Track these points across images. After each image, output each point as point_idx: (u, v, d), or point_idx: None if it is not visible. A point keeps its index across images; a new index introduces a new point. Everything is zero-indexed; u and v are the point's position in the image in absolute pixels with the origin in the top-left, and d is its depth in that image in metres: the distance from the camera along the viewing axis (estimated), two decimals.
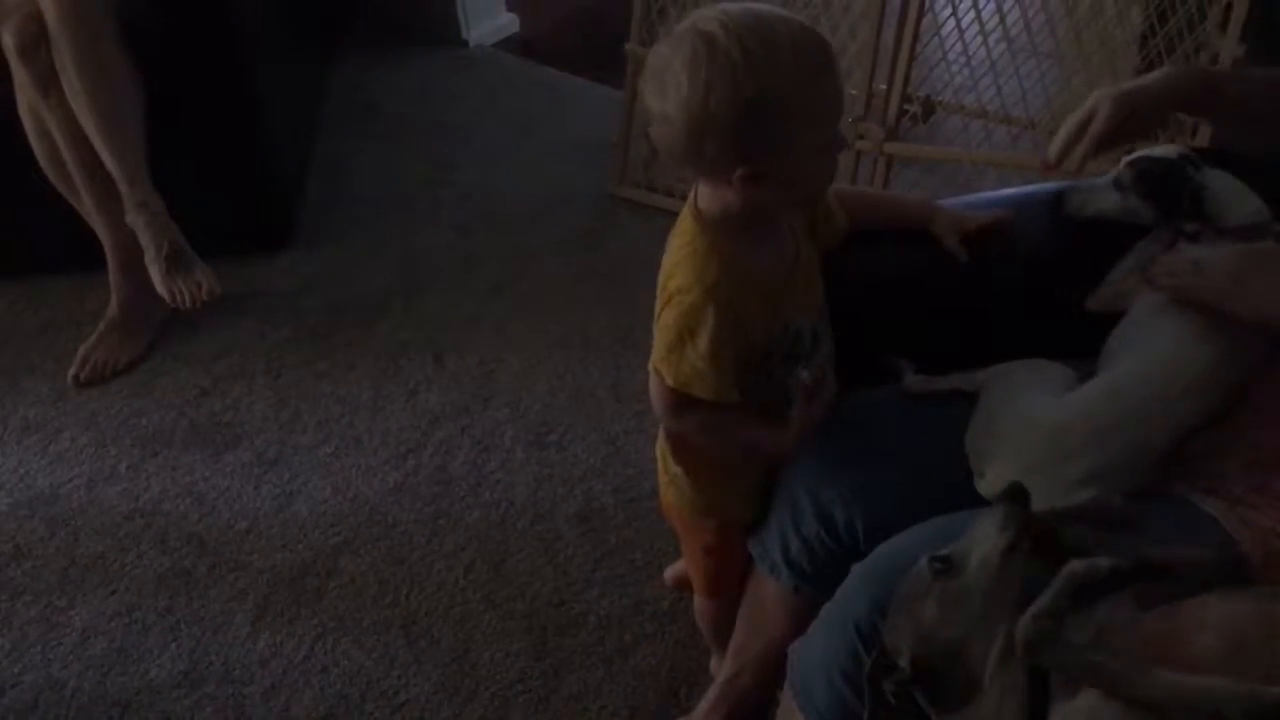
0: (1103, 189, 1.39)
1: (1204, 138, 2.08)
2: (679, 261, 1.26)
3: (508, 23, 3.57)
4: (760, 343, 1.29)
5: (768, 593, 1.43)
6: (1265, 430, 1.20)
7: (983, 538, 1.03)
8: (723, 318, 1.23)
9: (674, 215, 1.31)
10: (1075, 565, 0.97)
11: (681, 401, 1.28)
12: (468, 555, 1.94)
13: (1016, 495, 1.03)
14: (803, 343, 1.32)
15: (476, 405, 2.24)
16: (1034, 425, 1.23)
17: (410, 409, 2.24)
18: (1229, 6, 2.16)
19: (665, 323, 1.26)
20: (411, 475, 2.10)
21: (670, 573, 1.83)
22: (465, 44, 3.49)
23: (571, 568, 1.91)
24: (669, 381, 1.27)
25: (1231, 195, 1.33)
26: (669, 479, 1.44)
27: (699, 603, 1.61)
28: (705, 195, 1.26)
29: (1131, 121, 1.35)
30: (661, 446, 1.43)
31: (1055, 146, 1.38)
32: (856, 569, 1.20)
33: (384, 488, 2.08)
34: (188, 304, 2.26)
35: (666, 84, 1.15)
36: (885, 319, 1.44)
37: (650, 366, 1.30)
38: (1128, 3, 2.26)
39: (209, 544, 2.00)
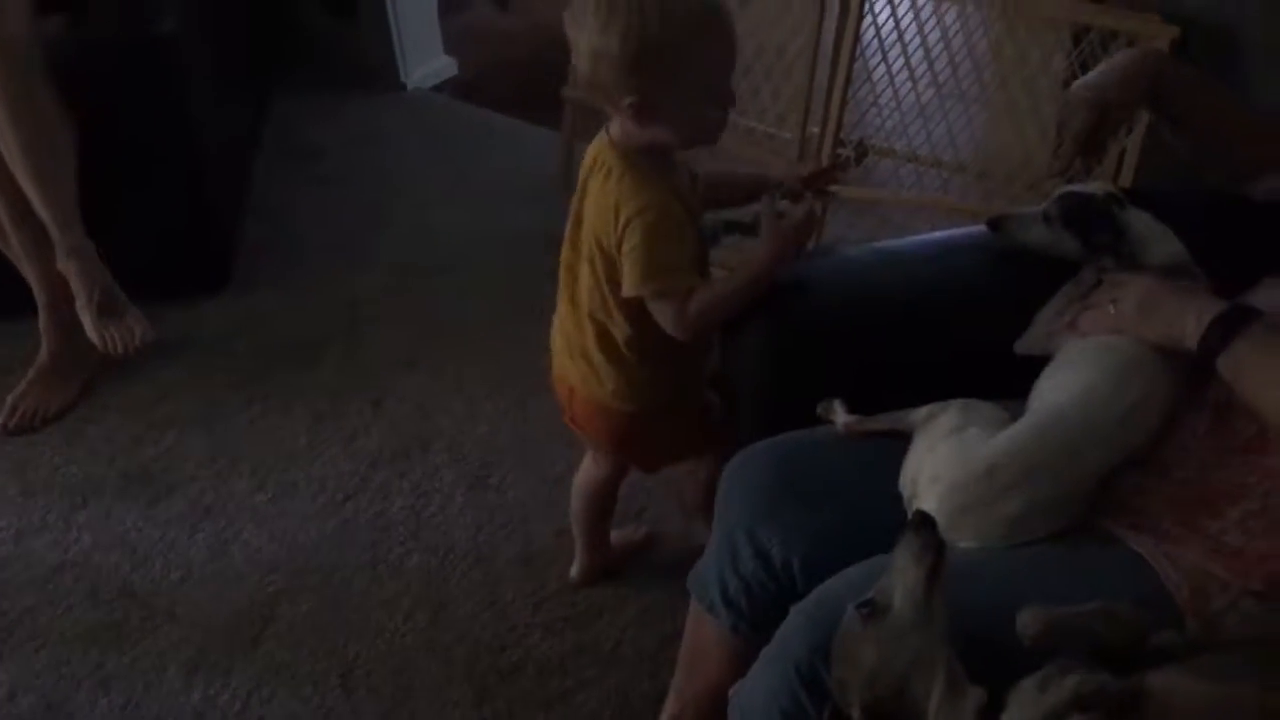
0: (1033, 219, 1.42)
1: (1128, 178, 2.14)
2: (620, 193, 1.44)
3: (446, 65, 3.59)
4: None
5: (707, 633, 1.44)
6: (1191, 467, 1.22)
7: (902, 571, 1.04)
8: (679, 216, 1.45)
9: None
10: (1084, 683, 0.95)
11: (682, 306, 1.45)
12: (407, 601, 1.92)
13: (925, 522, 1.05)
14: (717, 234, 1.58)
15: (415, 449, 2.22)
16: (967, 464, 1.24)
17: (348, 454, 2.22)
18: None
19: (633, 244, 1.43)
20: (349, 521, 2.08)
21: (575, 572, 1.93)
22: (404, 87, 3.51)
23: (511, 611, 1.89)
24: (652, 287, 1.44)
25: (1153, 236, 1.36)
26: (615, 383, 1.59)
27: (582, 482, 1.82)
28: (617, 128, 1.47)
29: (1108, 114, 1.42)
30: (593, 353, 1.59)
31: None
32: (795, 610, 1.20)
33: (321, 534, 2.05)
34: (120, 350, 2.22)
35: (580, 21, 1.36)
36: (821, 363, 1.46)
37: (647, 293, 1.45)
38: (1051, 50, 2.32)
39: (141, 595, 1.96)
